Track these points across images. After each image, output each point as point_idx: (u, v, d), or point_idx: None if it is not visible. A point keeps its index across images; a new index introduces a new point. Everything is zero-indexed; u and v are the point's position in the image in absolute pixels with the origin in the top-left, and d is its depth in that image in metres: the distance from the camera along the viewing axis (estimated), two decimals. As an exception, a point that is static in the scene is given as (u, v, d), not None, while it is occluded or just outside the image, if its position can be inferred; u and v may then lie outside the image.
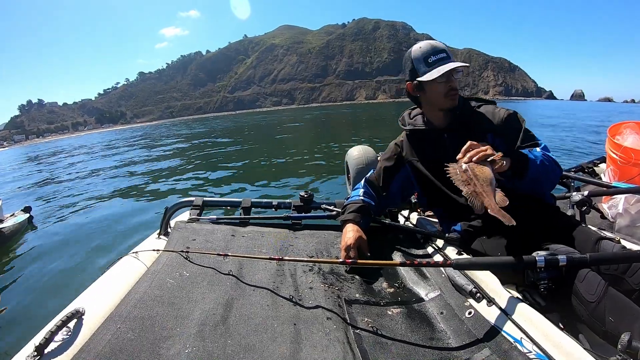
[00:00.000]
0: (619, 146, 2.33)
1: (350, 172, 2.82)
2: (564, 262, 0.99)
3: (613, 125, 2.63)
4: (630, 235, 1.83)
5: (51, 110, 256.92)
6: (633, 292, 1.08)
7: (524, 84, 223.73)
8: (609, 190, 1.96)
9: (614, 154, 2.36)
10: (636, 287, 1.08)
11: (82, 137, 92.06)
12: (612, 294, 0.98)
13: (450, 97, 1.43)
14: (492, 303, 1.05)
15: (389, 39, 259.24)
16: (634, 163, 2.22)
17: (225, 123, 39.56)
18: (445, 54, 1.41)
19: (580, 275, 1.03)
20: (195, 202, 1.91)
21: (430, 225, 1.71)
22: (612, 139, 2.45)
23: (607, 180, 2.32)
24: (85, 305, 1.10)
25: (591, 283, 1.00)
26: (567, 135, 14.97)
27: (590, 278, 1.02)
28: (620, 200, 1.99)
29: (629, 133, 2.46)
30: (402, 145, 1.63)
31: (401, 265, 1.34)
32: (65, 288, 3.99)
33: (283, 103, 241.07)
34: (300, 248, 1.60)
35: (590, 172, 2.75)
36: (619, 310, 0.94)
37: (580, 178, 2.32)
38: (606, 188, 2.02)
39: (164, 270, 1.33)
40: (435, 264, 1.23)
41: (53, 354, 0.93)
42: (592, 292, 0.99)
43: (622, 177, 2.28)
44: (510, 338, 0.93)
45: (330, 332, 1.06)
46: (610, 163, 2.44)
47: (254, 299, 1.21)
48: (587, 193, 1.76)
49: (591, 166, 2.81)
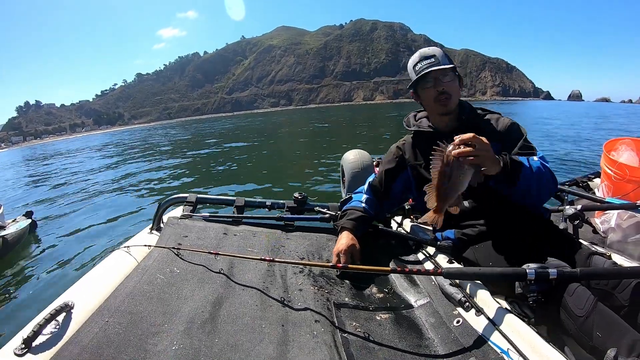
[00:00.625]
0: (614, 162, 2.34)
1: (345, 176, 2.80)
2: (555, 276, 0.99)
3: (609, 141, 2.65)
4: (622, 250, 1.83)
5: (49, 111, 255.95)
6: (622, 308, 1.09)
7: (522, 85, 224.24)
8: (603, 205, 1.97)
9: (608, 169, 2.37)
10: (625, 303, 1.09)
11: (79, 139, 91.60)
12: (600, 310, 0.97)
13: (440, 101, 1.44)
14: (480, 313, 1.06)
15: (386, 40, 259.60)
16: (629, 179, 2.22)
17: (213, 129, 38.69)
18: (433, 58, 1.42)
19: (570, 289, 1.03)
20: (189, 199, 1.89)
21: (422, 232, 1.71)
22: (607, 154, 2.46)
23: (600, 196, 2.32)
24: (74, 299, 1.10)
25: (580, 297, 1.00)
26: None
27: (579, 292, 1.01)
28: (613, 215, 2.01)
29: (624, 149, 2.48)
30: (404, 148, 1.63)
31: (392, 272, 1.34)
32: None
33: (281, 104, 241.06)
34: (292, 249, 1.60)
35: (585, 187, 2.75)
36: (607, 326, 0.94)
37: (574, 192, 2.31)
38: (600, 203, 2.03)
39: (155, 266, 1.33)
40: (425, 272, 1.21)
41: (41, 346, 0.94)
42: (581, 307, 0.98)
43: (615, 193, 2.28)
44: (497, 348, 0.94)
45: (317, 335, 1.06)
46: (605, 178, 2.45)
47: (243, 298, 1.21)
48: (580, 207, 1.76)
49: (585, 181, 2.82)
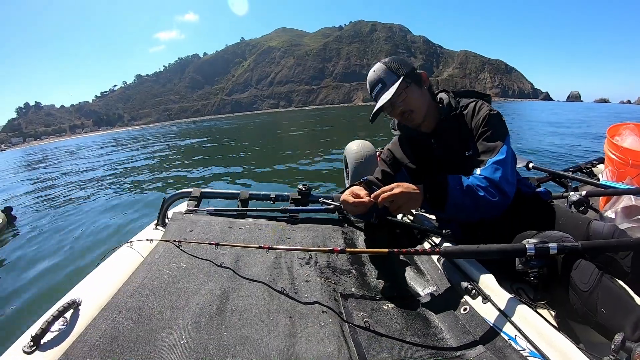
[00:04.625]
0: (618, 147, 2.31)
1: (348, 167, 2.81)
2: (555, 251, 0.98)
3: (612, 126, 2.61)
4: None
5: (48, 112, 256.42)
6: (626, 274, 1.09)
7: (521, 86, 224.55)
8: (607, 190, 1.96)
9: (612, 154, 2.35)
10: (628, 269, 1.09)
11: (79, 139, 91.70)
12: (605, 285, 0.96)
13: (405, 119, 1.42)
14: (487, 300, 1.05)
15: (385, 41, 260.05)
16: (633, 164, 2.20)
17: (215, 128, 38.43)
18: (380, 84, 1.38)
19: (574, 264, 1.01)
20: (193, 193, 1.90)
21: (427, 221, 1.71)
22: (611, 139, 2.43)
23: (605, 181, 2.30)
24: (81, 296, 1.10)
25: (584, 271, 0.98)
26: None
27: (583, 266, 1.00)
28: (618, 200, 1.98)
29: (628, 134, 2.44)
30: (394, 149, 1.61)
31: (389, 254, 1.32)
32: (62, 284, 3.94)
33: (281, 105, 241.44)
34: (297, 241, 1.60)
35: (589, 173, 2.75)
36: (612, 302, 0.93)
37: (578, 178, 2.32)
38: (604, 188, 2.02)
39: (161, 261, 1.33)
40: (424, 252, 1.19)
41: (49, 344, 0.94)
42: (585, 281, 0.97)
43: (620, 178, 2.26)
44: (505, 335, 0.93)
45: (325, 326, 1.06)
46: (609, 164, 2.42)
47: (250, 291, 1.21)
48: (585, 193, 1.76)
49: (589, 167, 2.81)
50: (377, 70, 1.39)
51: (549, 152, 9.97)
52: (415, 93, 1.39)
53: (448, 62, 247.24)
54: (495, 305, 1.01)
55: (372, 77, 1.40)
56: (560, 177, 2.45)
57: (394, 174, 1.57)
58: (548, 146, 11.10)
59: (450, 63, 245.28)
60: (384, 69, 1.38)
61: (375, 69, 1.41)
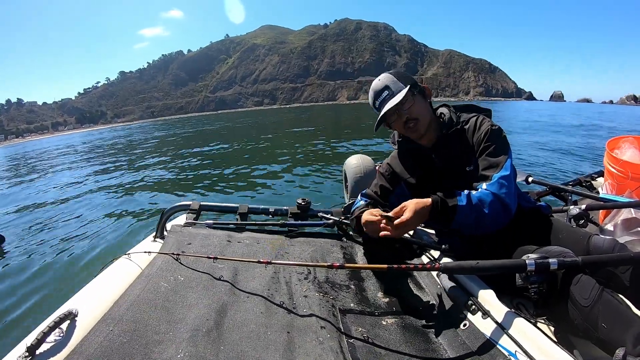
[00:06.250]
0: (618, 160, 2.33)
1: (348, 181, 2.81)
2: (555, 266, 0.97)
3: (611, 139, 2.64)
4: None
5: (30, 109, 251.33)
6: (626, 289, 1.09)
7: (504, 85, 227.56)
8: (607, 204, 1.96)
9: (612, 167, 2.36)
10: (628, 283, 1.09)
11: (62, 137, 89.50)
12: (606, 300, 0.95)
13: (409, 129, 1.39)
14: (487, 315, 1.04)
15: (370, 39, 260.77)
16: (632, 177, 2.21)
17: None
18: (387, 91, 1.37)
19: (575, 279, 1.01)
20: (192, 206, 1.90)
21: (427, 236, 1.70)
22: (610, 152, 2.45)
23: (604, 194, 2.30)
24: (78, 307, 1.10)
25: (585, 286, 0.98)
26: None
27: (583, 281, 0.99)
28: (618, 213, 1.99)
29: (627, 147, 2.46)
30: (393, 164, 1.59)
31: (388, 270, 1.32)
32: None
33: (265, 103, 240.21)
34: (296, 255, 1.59)
35: (588, 186, 2.76)
36: (612, 317, 0.92)
37: (578, 192, 2.34)
38: (604, 202, 2.02)
39: (158, 274, 1.32)
40: (423, 268, 1.18)
41: (45, 355, 0.93)
42: (586, 296, 0.96)
43: (620, 191, 2.27)
44: (505, 351, 0.92)
45: (324, 341, 1.05)
46: (608, 177, 2.44)
47: (248, 305, 1.20)
48: (584, 206, 1.77)
49: (589, 180, 2.82)
50: (384, 79, 1.40)
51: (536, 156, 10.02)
52: (421, 104, 1.40)
53: (432, 61, 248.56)
54: (495, 320, 1.01)
55: (377, 84, 1.41)
56: (559, 190, 2.46)
57: (392, 189, 1.54)
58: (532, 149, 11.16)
59: (435, 62, 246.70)
60: (391, 78, 1.39)
61: (381, 78, 1.42)
